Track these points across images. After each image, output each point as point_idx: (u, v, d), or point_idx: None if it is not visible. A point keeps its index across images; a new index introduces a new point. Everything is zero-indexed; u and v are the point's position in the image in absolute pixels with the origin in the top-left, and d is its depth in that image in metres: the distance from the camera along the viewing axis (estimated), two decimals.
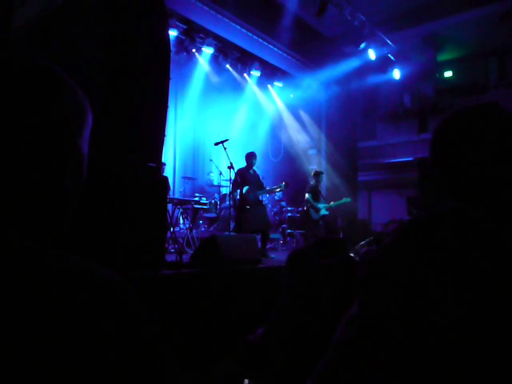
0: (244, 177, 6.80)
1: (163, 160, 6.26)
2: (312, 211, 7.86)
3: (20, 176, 0.57)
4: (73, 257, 0.55)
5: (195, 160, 10.73)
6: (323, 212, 7.91)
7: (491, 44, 11.48)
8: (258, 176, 7.12)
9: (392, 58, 10.84)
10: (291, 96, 11.85)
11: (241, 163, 7.16)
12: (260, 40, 8.97)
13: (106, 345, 0.50)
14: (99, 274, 0.55)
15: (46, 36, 4.37)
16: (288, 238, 9.65)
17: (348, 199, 8.43)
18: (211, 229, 8.44)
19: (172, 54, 4.88)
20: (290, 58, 9.96)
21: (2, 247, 0.51)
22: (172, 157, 10.04)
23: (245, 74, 10.61)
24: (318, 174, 8.01)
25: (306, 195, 7.86)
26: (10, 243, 0.52)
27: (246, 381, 2.24)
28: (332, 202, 8.20)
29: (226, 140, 6.72)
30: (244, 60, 9.97)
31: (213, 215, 8.55)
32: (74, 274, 0.53)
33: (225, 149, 6.56)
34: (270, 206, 9.95)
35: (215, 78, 10.48)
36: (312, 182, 8.00)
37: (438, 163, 0.97)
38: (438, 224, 0.84)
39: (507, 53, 11.90)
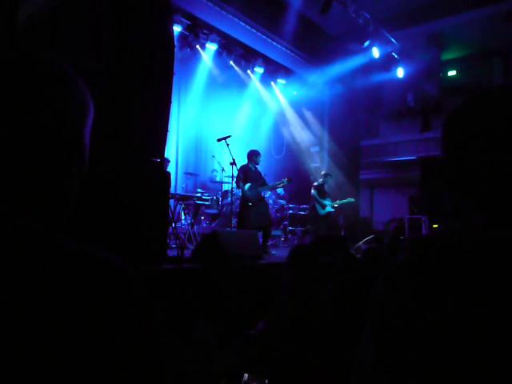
0: (246, 173, 6.82)
1: (166, 156, 6.28)
2: (318, 207, 8.07)
3: (28, 164, 0.59)
4: (82, 242, 0.57)
5: (198, 156, 10.74)
6: (329, 209, 8.15)
7: (495, 43, 11.44)
8: (259, 173, 7.13)
9: (396, 56, 10.81)
10: (294, 93, 11.84)
11: (243, 160, 7.16)
12: (264, 37, 8.95)
13: (112, 330, 0.52)
14: (107, 260, 0.56)
15: (51, 30, 4.39)
16: (289, 236, 9.67)
17: (352, 199, 8.72)
18: (213, 225, 8.46)
19: (176, 50, 4.89)
20: (293, 55, 9.95)
21: (11, 232, 0.53)
22: (174, 152, 10.05)
23: (248, 71, 10.60)
24: (326, 175, 8.45)
25: (312, 191, 8.12)
26: (18, 227, 0.54)
27: (246, 375, 2.26)
28: (337, 200, 8.49)
29: (229, 136, 6.73)
30: (248, 56, 9.96)
31: (214, 211, 8.56)
32: (84, 258, 0.55)
33: (227, 145, 6.57)
34: (271, 202, 9.96)
35: (219, 75, 10.47)
36: (319, 181, 8.27)
37: (453, 162, 0.73)
38: (463, 258, 0.63)
39: (511, 52, 11.85)
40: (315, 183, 8.39)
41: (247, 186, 6.74)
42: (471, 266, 0.61)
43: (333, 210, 8.32)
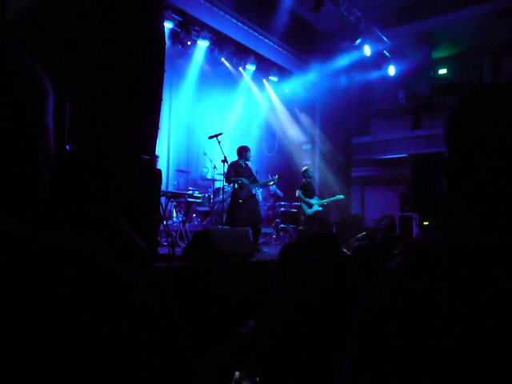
0: (237, 170, 6.81)
1: (157, 153, 6.24)
2: (305, 207, 7.94)
3: None
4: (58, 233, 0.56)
5: (189, 153, 10.70)
6: (316, 208, 7.99)
7: (485, 42, 11.52)
8: (250, 170, 7.12)
9: (387, 54, 10.85)
10: (286, 91, 11.83)
11: (235, 157, 7.15)
12: (256, 34, 8.94)
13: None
14: (81, 246, 0.56)
15: (38, 27, 4.34)
16: (281, 233, 9.68)
17: (341, 196, 8.51)
18: (204, 222, 8.44)
19: (167, 47, 4.86)
20: (285, 52, 9.95)
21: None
22: (166, 150, 10.01)
23: (240, 68, 10.57)
24: (306, 171, 8.19)
25: (297, 192, 7.95)
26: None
27: (237, 373, 2.25)
28: (326, 199, 8.33)
29: (220, 134, 6.72)
30: (239, 54, 9.94)
31: (206, 209, 8.55)
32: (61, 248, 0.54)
33: (219, 142, 6.56)
34: (261, 199, 9.96)
35: (210, 72, 10.44)
36: (303, 180, 8.10)
37: (458, 159, 0.68)
38: (462, 266, 0.59)
39: (501, 51, 11.94)
40: (299, 182, 8.18)
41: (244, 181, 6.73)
42: (470, 272, 0.57)
43: (321, 208, 8.11)
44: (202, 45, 9.24)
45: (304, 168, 8.33)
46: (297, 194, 7.98)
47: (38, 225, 0.60)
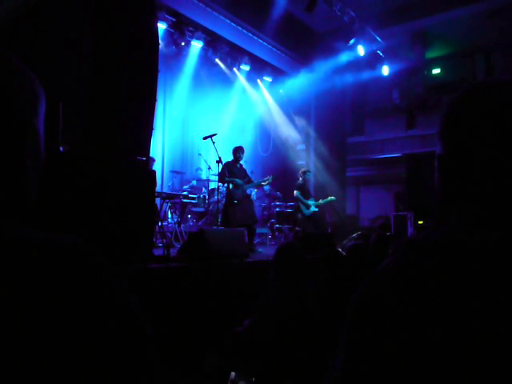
0: (231, 171, 6.82)
1: (152, 154, 6.23)
2: (303, 207, 7.96)
3: None
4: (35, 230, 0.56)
5: (184, 154, 10.68)
6: (313, 209, 8.03)
7: (478, 41, 11.60)
8: (244, 170, 7.13)
9: (381, 54, 10.89)
10: (281, 91, 11.85)
11: (229, 158, 7.16)
12: (250, 34, 8.95)
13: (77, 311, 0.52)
14: (61, 242, 0.57)
15: (32, 28, 4.32)
16: (276, 233, 9.68)
17: (333, 198, 8.52)
18: (199, 223, 8.42)
19: (161, 47, 4.86)
20: (279, 52, 9.96)
21: None
22: (160, 151, 9.99)
23: (234, 69, 10.57)
24: (305, 173, 8.24)
25: (295, 192, 7.96)
26: None
27: (233, 373, 2.25)
28: (320, 200, 8.36)
29: (215, 134, 6.71)
30: (233, 54, 9.93)
31: (201, 210, 8.53)
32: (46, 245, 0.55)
33: (213, 143, 6.55)
34: (255, 198, 9.96)
35: (204, 72, 10.42)
36: (299, 180, 8.12)
37: (453, 157, 0.68)
38: (452, 264, 0.59)
39: (494, 50, 12.03)
40: (297, 183, 8.21)
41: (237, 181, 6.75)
42: (460, 269, 0.58)
43: (317, 209, 8.19)
44: (196, 45, 9.24)
45: (303, 169, 8.38)
46: (295, 195, 7.99)
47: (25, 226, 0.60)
